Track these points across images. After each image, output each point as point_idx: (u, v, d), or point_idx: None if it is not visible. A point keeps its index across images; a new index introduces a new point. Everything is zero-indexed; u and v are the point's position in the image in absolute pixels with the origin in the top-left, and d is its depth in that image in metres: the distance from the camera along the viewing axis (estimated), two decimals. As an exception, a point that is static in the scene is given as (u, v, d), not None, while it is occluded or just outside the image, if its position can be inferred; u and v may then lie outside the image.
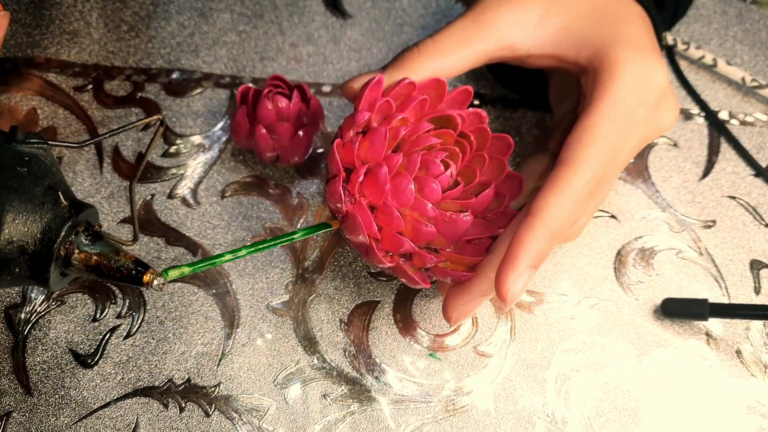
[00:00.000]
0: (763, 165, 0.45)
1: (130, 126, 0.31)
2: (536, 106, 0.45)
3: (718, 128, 0.46)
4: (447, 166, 0.34)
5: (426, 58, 0.35)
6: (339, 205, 0.32)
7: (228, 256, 0.31)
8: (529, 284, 0.40)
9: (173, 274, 0.30)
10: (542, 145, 0.43)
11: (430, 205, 0.33)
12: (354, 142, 0.33)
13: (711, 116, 0.46)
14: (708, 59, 0.47)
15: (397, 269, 0.33)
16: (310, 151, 0.41)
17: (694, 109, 0.47)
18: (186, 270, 0.30)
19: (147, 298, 0.38)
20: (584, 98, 0.35)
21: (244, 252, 0.32)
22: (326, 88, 0.45)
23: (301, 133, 0.39)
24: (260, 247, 0.32)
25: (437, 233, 0.33)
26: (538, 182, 0.37)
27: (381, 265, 0.33)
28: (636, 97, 0.34)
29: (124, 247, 0.30)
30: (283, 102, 0.39)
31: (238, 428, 0.35)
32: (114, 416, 0.36)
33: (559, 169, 0.32)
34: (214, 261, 0.31)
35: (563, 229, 0.32)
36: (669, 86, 0.35)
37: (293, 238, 0.34)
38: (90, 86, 0.44)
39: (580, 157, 0.32)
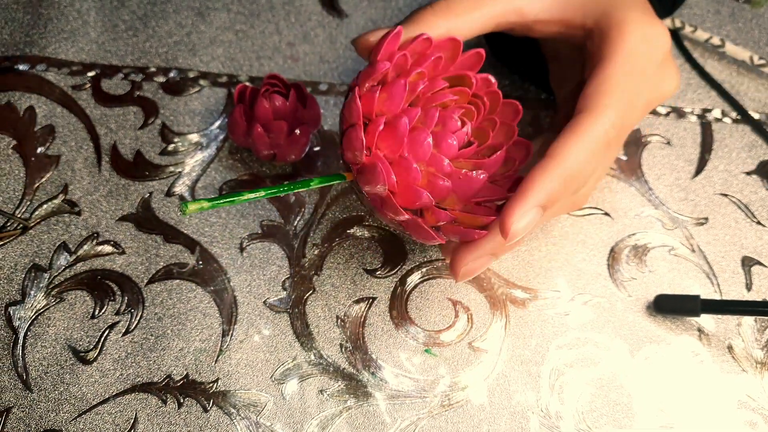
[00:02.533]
0: (755, 165, 0.45)
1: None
2: (533, 81, 0.46)
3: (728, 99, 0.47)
4: (464, 124, 0.34)
5: (440, 18, 0.35)
6: (358, 153, 0.32)
7: (247, 195, 0.32)
8: (525, 280, 0.40)
9: (192, 207, 0.30)
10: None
11: (447, 160, 0.33)
12: (374, 92, 0.32)
13: (725, 96, 0.47)
14: (715, 40, 0.48)
15: (411, 224, 0.33)
16: (307, 149, 0.42)
17: (687, 108, 0.47)
18: (205, 204, 0.30)
19: (146, 295, 0.39)
20: (592, 57, 0.35)
21: (262, 193, 0.32)
22: (323, 87, 0.45)
23: (297, 131, 0.39)
24: (279, 190, 0.33)
25: (452, 190, 0.33)
26: None
27: (397, 217, 0.32)
28: (644, 53, 0.34)
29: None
30: (279, 100, 0.39)
31: (236, 423, 0.36)
32: (113, 412, 0.36)
33: (579, 116, 0.33)
34: (233, 199, 0.31)
35: (577, 176, 0.32)
36: (671, 52, 0.36)
37: (309, 186, 0.34)
38: (88, 85, 0.44)
39: (600, 105, 0.33)
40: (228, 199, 0.31)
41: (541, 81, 0.44)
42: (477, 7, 0.35)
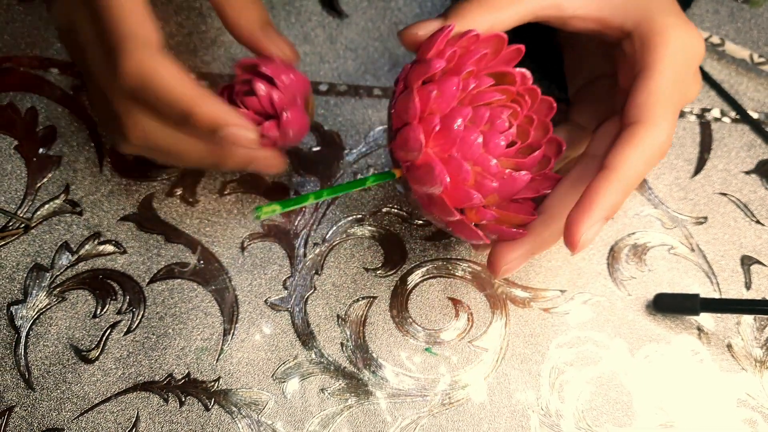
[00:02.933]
0: (754, 165, 0.45)
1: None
2: (544, 72, 0.46)
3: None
4: (511, 124, 0.35)
5: (484, 11, 0.35)
6: (414, 154, 0.32)
7: (312, 198, 0.34)
8: (525, 280, 0.41)
9: (266, 210, 0.32)
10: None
11: (495, 160, 0.33)
12: (430, 91, 0.32)
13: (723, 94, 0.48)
14: (715, 39, 0.48)
15: (459, 224, 0.33)
16: (310, 123, 0.39)
17: (686, 107, 0.47)
18: (277, 208, 0.32)
19: (147, 295, 0.39)
20: (632, 61, 0.36)
21: (325, 194, 0.34)
22: (323, 87, 0.45)
23: (286, 115, 0.36)
24: (338, 189, 0.35)
25: (497, 190, 0.33)
26: (567, 151, 0.39)
27: (448, 218, 0.33)
28: (685, 61, 0.35)
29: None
30: (253, 101, 0.36)
31: (237, 422, 0.36)
32: (115, 410, 0.36)
33: (635, 127, 0.33)
34: (300, 201, 0.34)
35: (635, 185, 0.33)
36: None
37: (365, 184, 0.35)
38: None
39: (655, 116, 0.33)
40: (297, 202, 0.33)
41: (553, 72, 0.44)
42: (519, 1, 0.35)
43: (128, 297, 0.39)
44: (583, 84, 0.41)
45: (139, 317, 0.38)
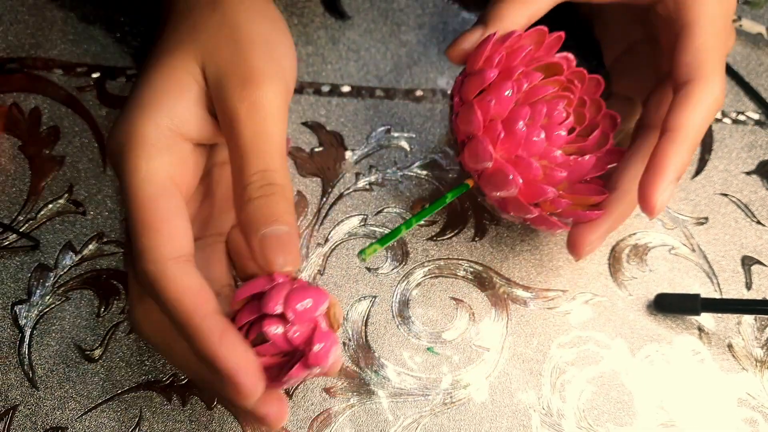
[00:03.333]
0: (755, 165, 0.45)
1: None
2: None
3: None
4: (568, 114, 0.36)
5: (520, 6, 0.36)
6: (485, 164, 0.34)
7: (404, 229, 0.36)
8: (526, 280, 0.41)
9: (369, 251, 0.33)
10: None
11: (559, 151, 0.35)
12: (489, 100, 0.33)
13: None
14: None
15: (539, 219, 0.35)
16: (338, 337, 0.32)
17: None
18: (377, 247, 0.35)
19: (150, 294, 0.39)
20: (670, 23, 0.36)
21: (414, 222, 0.36)
22: (325, 89, 0.46)
23: (313, 350, 0.29)
24: (424, 214, 0.37)
25: (566, 178, 0.35)
26: (624, 124, 0.39)
27: (525, 215, 0.34)
28: (721, 12, 0.35)
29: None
30: (268, 348, 0.29)
31: (240, 421, 0.36)
32: (118, 410, 0.36)
33: (690, 86, 0.34)
34: (395, 234, 0.35)
35: (698, 142, 0.34)
36: None
37: (445, 202, 0.37)
38: (93, 86, 0.44)
39: (706, 73, 0.34)
40: (392, 237, 0.35)
41: (584, 43, 0.44)
42: None
43: (131, 296, 0.39)
44: (621, 53, 0.41)
45: (143, 317, 0.38)
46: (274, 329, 0.28)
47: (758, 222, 0.43)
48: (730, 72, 0.48)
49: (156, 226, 0.28)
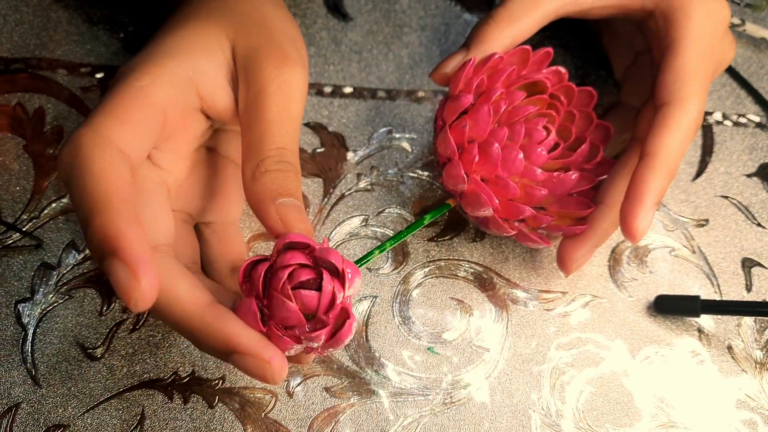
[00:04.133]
0: (755, 168, 0.45)
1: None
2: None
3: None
4: (548, 132, 0.36)
5: (503, 27, 0.36)
6: (461, 186, 0.34)
7: (376, 252, 0.35)
8: (527, 281, 0.41)
9: None
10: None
11: (539, 170, 0.35)
12: (464, 125, 0.34)
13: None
14: (735, 20, 0.49)
15: (520, 235, 0.35)
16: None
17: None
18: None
19: (152, 293, 0.39)
20: (659, 38, 0.36)
21: (388, 245, 0.35)
22: (327, 89, 0.46)
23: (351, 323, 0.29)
24: (399, 238, 0.36)
25: (548, 195, 0.35)
26: (622, 134, 0.39)
27: (504, 234, 0.35)
28: (710, 31, 0.35)
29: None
30: (312, 298, 0.28)
31: (241, 420, 0.36)
32: (120, 407, 0.36)
33: (667, 109, 0.34)
34: (368, 257, 0.35)
35: (677, 165, 0.34)
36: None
37: (423, 223, 0.37)
38: (96, 86, 0.45)
39: (684, 95, 0.34)
40: (366, 259, 0.34)
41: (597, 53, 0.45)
42: (536, 6, 0.36)
43: (134, 295, 0.39)
44: (629, 63, 0.41)
45: (145, 315, 0.39)
46: (329, 286, 0.28)
47: (759, 224, 0.44)
48: (733, 74, 0.48)
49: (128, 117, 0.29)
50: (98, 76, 0.45)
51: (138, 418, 0.36)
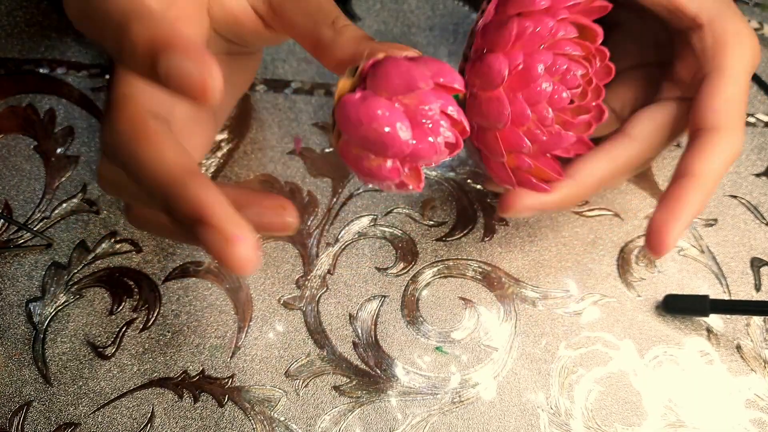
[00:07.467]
0: (764, 167, 0.45)
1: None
2: None
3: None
4: (581, 85, 0.34)
5: None
6: (493, 86, 0.31)
7: None
8: (536, 279, 0.41)
9: None
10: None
11: (551, 114, 0.32)
12: (527, 26, 0.30)
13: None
14: (754, 23, 0.49)
15: (500, 165, 0.33)
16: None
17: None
18: None
19: (162, 293, 0.39)
20: (704, 57, 0.36)
21: None
22: (335, 89, 0.46)
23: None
24: None
25: (542, 142, 0.33)
26: (599, 131, 0.38)
27: (495, 158, 0.32)
28: (752, 67, 0.35)
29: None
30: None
31: (251, 418, 0.37)
32: (130, 406, 0.37)
33: (714, 134, 0.34)
34: None
35: (715, 189, 0.35)
36: None
37: None
38: (107, 87, 0.45)
39: (734, 123, 0.34)
40: None
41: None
42: None
43: (144, 295, 0.39)
44: (627, 68, 0.41)
45: (155, 315, 0.39)
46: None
47: (767, 224, 0.43)
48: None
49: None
50: (108, 76, 0.45)
51: (148, 416, 0.37)
